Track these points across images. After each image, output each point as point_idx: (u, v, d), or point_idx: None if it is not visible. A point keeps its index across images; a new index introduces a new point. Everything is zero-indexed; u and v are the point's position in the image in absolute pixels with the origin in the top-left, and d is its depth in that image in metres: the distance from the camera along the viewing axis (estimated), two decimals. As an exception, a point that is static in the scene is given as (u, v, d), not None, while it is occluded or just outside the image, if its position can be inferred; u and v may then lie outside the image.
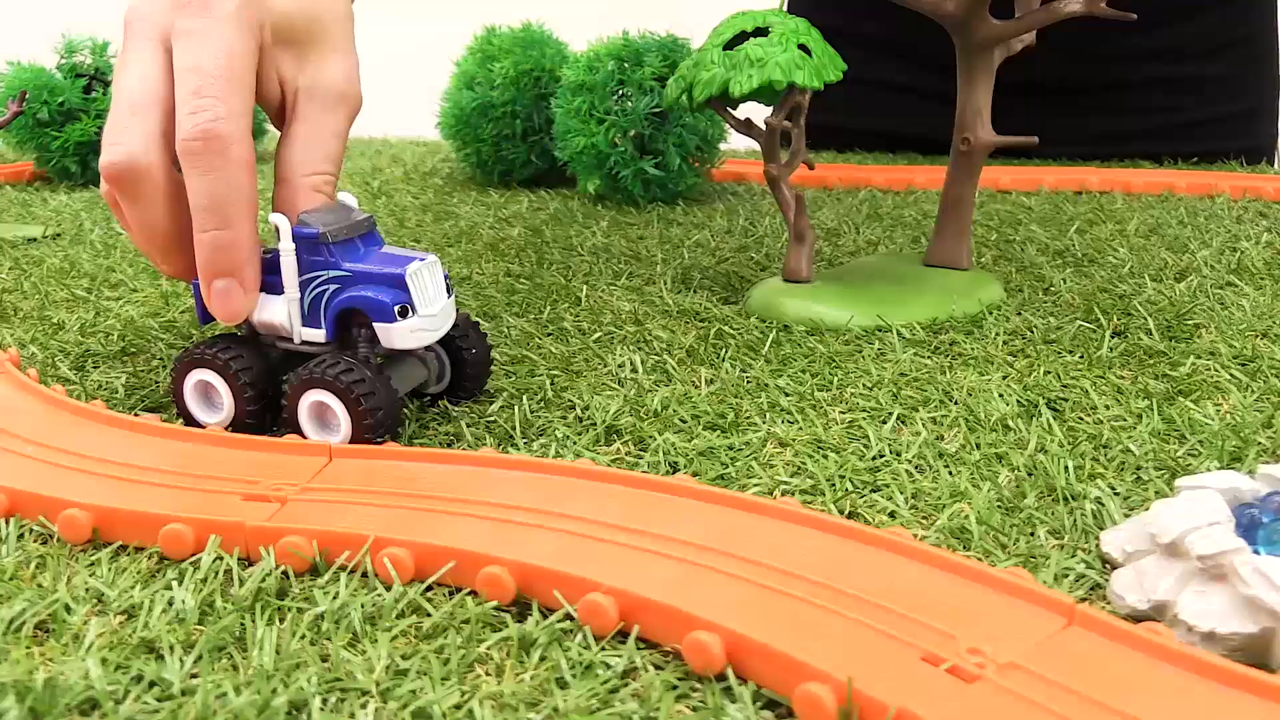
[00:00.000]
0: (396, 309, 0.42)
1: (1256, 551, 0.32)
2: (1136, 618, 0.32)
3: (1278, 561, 0.30)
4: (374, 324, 0.43)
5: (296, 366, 0.44)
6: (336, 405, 0.42)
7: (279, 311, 0.44)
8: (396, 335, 0.43)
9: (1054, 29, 0.60)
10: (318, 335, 0.44)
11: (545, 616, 0.32)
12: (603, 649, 0.30)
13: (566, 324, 0.58)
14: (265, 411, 0.45)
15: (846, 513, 0.38)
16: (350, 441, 0.42)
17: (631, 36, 0.90)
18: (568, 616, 0.31)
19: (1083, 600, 0.33)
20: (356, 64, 0.49)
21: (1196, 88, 1.03)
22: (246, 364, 0.44)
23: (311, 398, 0.42)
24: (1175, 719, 0.26)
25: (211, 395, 0.45)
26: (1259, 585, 0.30)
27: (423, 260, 0.44)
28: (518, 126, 0.96)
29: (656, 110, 0.87)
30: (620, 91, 0.88)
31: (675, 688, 0.29)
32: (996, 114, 0.62)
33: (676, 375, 0.50)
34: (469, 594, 0.33)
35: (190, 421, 0.46)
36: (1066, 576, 0.34)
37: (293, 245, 0.43)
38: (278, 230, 0.43)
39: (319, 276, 0.43)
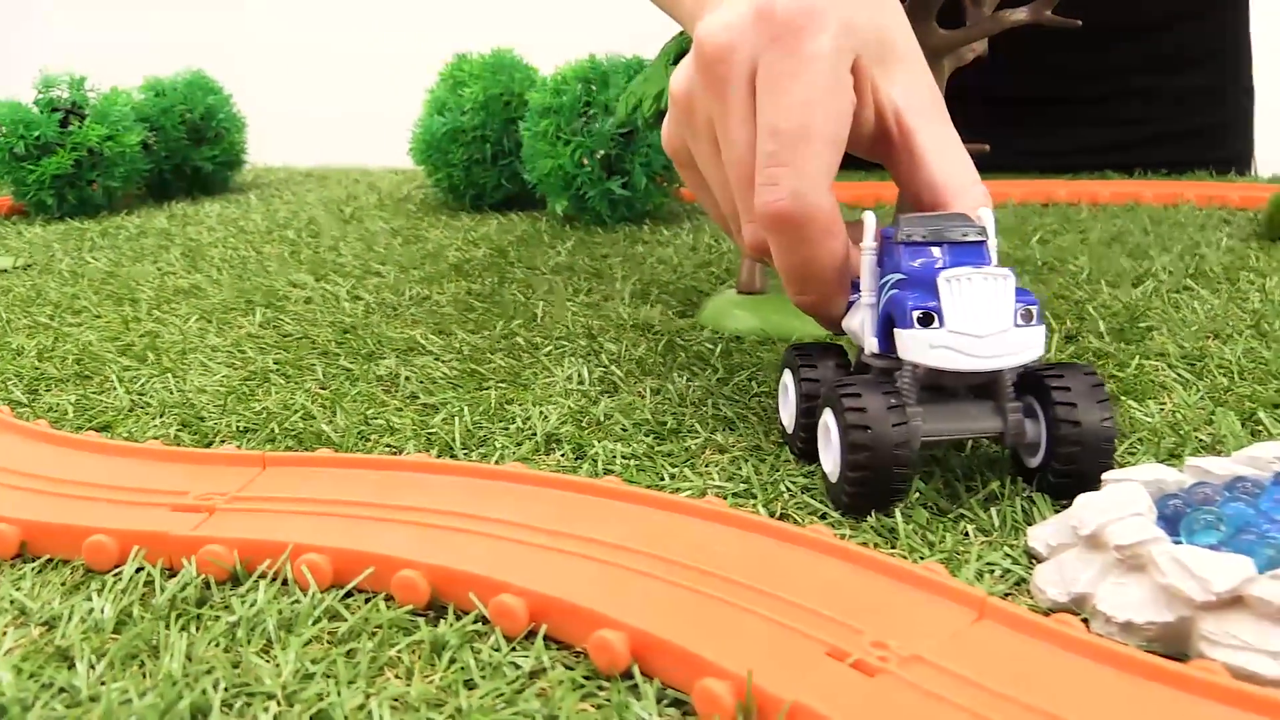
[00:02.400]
0: (916, 315, 0.36)
1: (1178, 542, 0.31)
2: (1057, 610, 0.31)
3: (1195, 550, 0.30)
4: (895, 330, 0.37)
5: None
6: (834, 428, 0.37)
7: (855, 317, 0.40)
8: (913, 345, 0.36)
9: (1028, 43, 0.60)
10: (872, 344, 0.39)
11: (460, 619, 0.31)
12: (514, 650, 0.30)
13: (519, 339, 0.58)
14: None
15: (777, 514, 0.38)
16: (840, 479, 0.37)
17: (598, 59, 0.91)
18: (482, 619, 0.31)
19: (1006, 595, 0.33)
20: (927, 65, 0.44)
21: (1172, 99, 1.04)
22: (809, 375, 0.41)
23: (823, 417, 0.38)
24: (1081, 709, 0.26)
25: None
26: (1175, 574, 0.29)
27: (979, 270, 0.36)
28: (487, 150, 0.97)
29: (623, 131, 0.87)
30: (587, 113, 0.88)
31: (582, 686, 0.28)
32: (973, 128, 0.62)
33: (623, 386, 0.50)
34: (385, 599, 0.33)
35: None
36: (991, 572, 0.34)
37: (875, 244, 0.39)
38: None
39: (888, 280, 0.38)
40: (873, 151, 0.43)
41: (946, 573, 0.31)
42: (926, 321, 0.36)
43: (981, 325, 0.35)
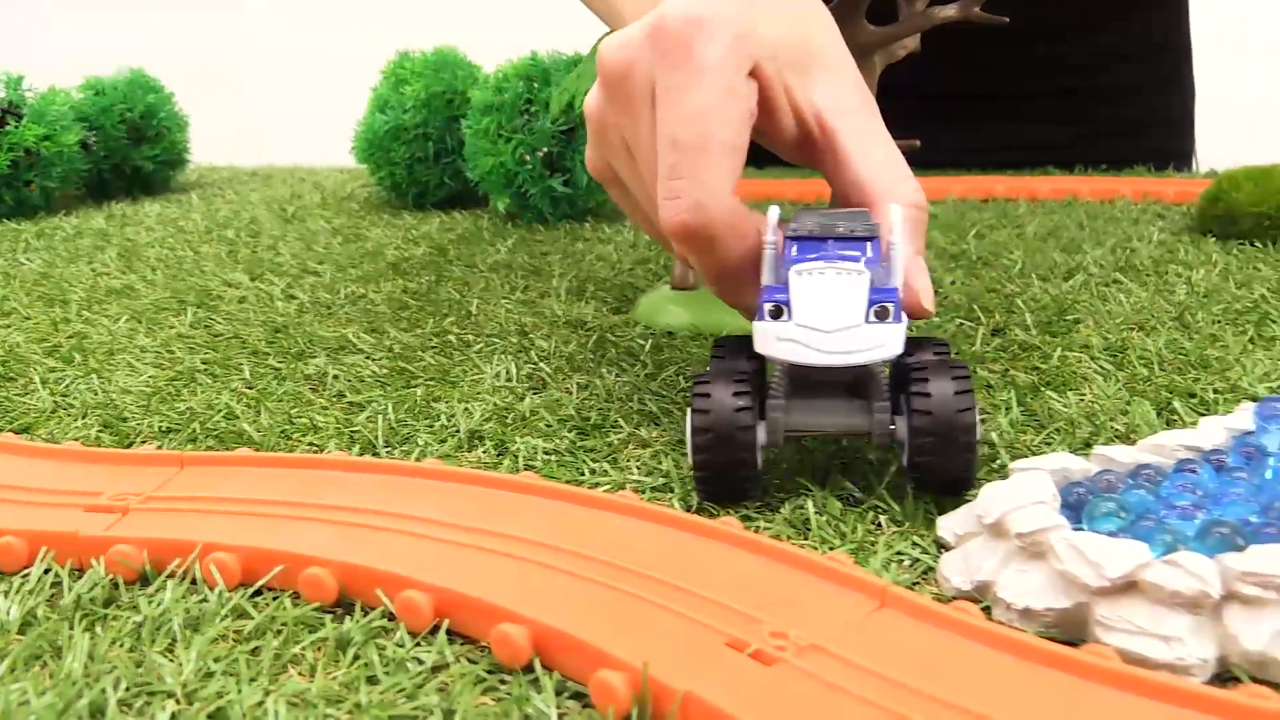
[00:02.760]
0: (767, 308, 0.36)
1: (1079, 528, 0.32)
2: (961, 598, 0.32)
3: (1092, 537, 0.30)
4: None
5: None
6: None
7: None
8: (763, 338, 0.37)
9: (972, 41, 0.61)
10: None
11: (367, 616, 0.31)
12: (418, 645, 0.30)
13: (451, 337, 0.58)
14: None
15: (693, 508, 0.38)
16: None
17: (540, 56, 0.90)
18: (388, 615, 0.31)
19: (914, 584, 0.33)
20: (854, 63, 0.44)
21: (1114, 96, 1.05)
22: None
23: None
24: (974, 695, 0.26)
25: None
26: (1071, 560, 0.30)
27: (831, 264, 0.37)
28: (430, 148, 0.96)
29: (565, 128, 0.87)
30: (528, 111, 0.88)
31: (483, 680, 0.28)
32: (913, 125, 0.62)
33: (551, 383, 0.50)
34: (291, 596, 0.33)
35: None
36: (900, 561, 0.34)
37: (775, 239, 0.39)
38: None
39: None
40: (801, 155, 0.44)
41: (851, 563, 0.31)
42: (777, 314, 0.36)
43: (828, 320, 0.35)
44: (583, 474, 0.41)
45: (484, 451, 0.43)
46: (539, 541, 0.33)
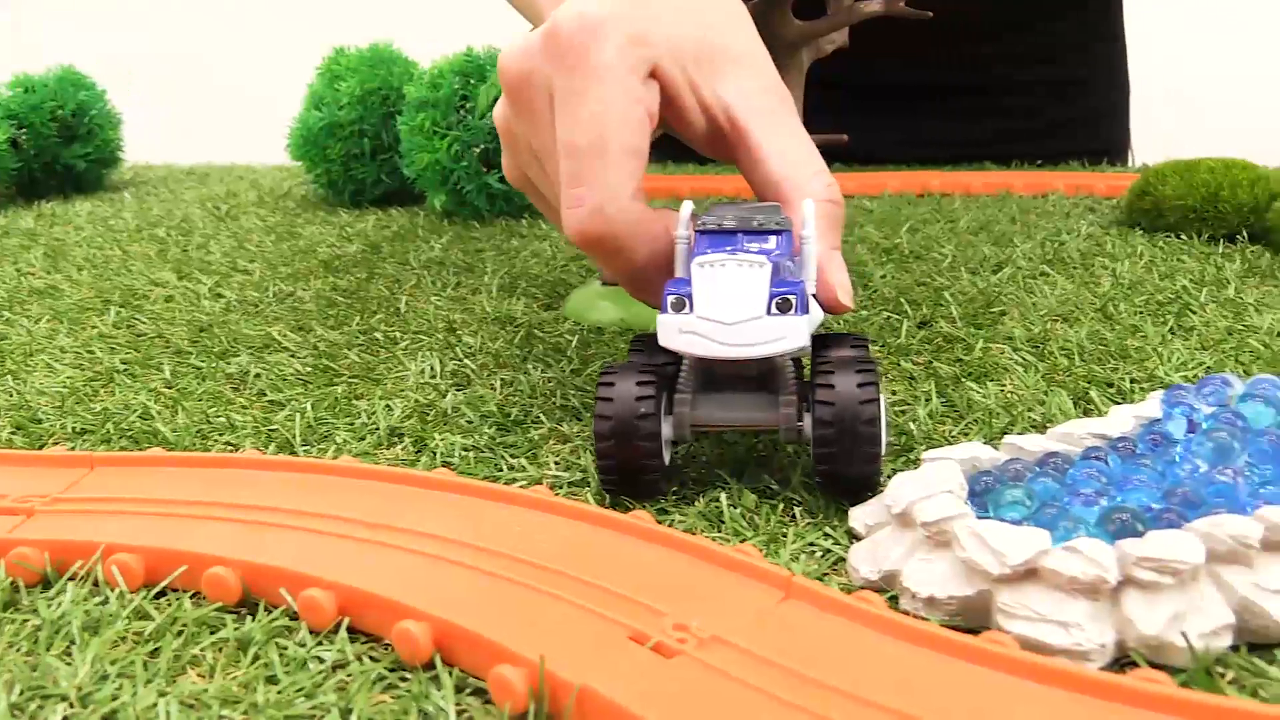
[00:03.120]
0: (670, 299, 0.36)
1: (983, 516, 0.32)
2: (869, 588, 0.32)
3: (995, 525, 0.30)
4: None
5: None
6: None
7: None
8: (666, 331, 0.36)
9: (908, 36, 0.61)
10: None
11: (270, 615, 0.31)
12: (320, 644, 0.29)
13: (378, 334, 0.57)
14: None
15: (608, 503, 0.38)
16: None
17: (475, 52, 0.90)
18: (292, 614, 0.31)
19: (824, 576, 0.33)
20: (768, 57, 0.44)
21: (1049, 91, 1.06)
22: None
23: None
24: (876, 684, 0.26)
25: None
26: (974, 548, 0.30)
27: (733, 256, 0.36)
28: (366, 145, 0.95)
29: (500, 124, 0.86)
30: (464, 107, 0.87)
31: (384, 678, 0.28)
32: (850, 120, 0.63)
33: (476, 379, 0.50)
34: (193, 597, 0.32)
35: None
36: (812, 553, 0.34)
37: (687, 233, 0.39)
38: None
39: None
40: (716, 151, 0.44)
41: (759, 554, 0.31)
42: (679, 307, 0.36)
43: (729, 312, 0.35)
44: (500, 470, 0.41)
45: (402, 448, 0.43)
46: (447, 538, 0.32)
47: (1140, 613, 0.28)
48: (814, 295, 0.39)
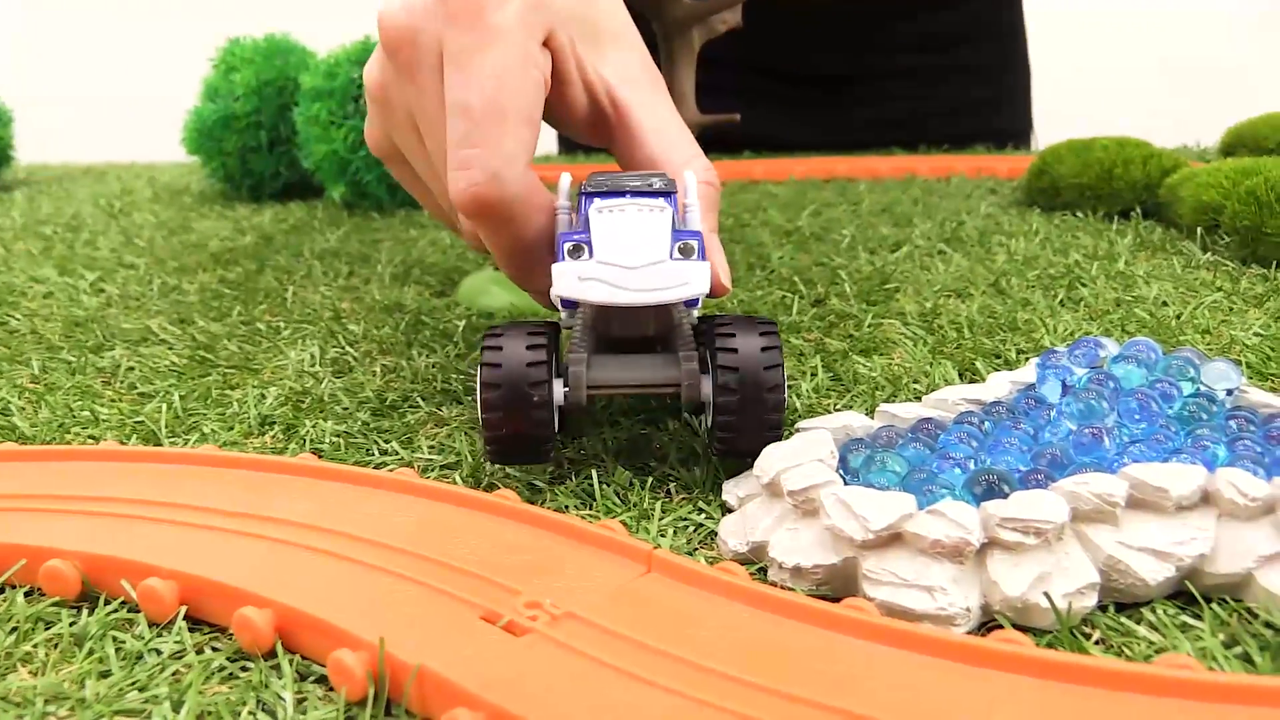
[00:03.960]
0: (566, 247, 0.34)
1: (849, 482, 0.32)
2: (738, 560, 0.31)
3: (860, 491, 0.30)
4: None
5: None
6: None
7: None
8: (563, 280, 0.33)
9: (816, 21, 0.61)
10: (557, 302, 0.36)
11: (110, 607, 0.29)
12: (159, 635, 0.28)
13: (260, 325, 0.55)
14: None
15: (483, 484, 0.37)
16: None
17: (372, 41, 0.88)
18: (133, 607, 0.29)
19: (694, 550, 0.32)
20: (639, 35, 0.43)
21: (954, 75, 1.07)
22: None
23: None
24: (734, 657, 0.25)
25: None
26: (838, 515, 0.29)
27: (631, 200, 0.35)
28: (263, 137, 0.93)
29: (399, 113, 0.85)
30: (361, 96, 0.85)
31: (224, 668, 0.27)
32: (760, 107, 0.62)
33: (357, 366, 0.49)
34: (27, 592, 0.30)
35: None
36: (684, 528, 0.33)
37: (568, 204, 0.38)
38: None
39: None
40: (591, 134, 0.42)
41: (624, 530, 0.30)
42: (577, 253, 0.34)
43: (632, 256, 0.33)
44: (371, 455, 0.39)
45: (271, 436, 0.41)
46: (298, 523, 0.31)
47: (1004, 574, 0.28)
48: None
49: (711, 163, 0.42)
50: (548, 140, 1.18)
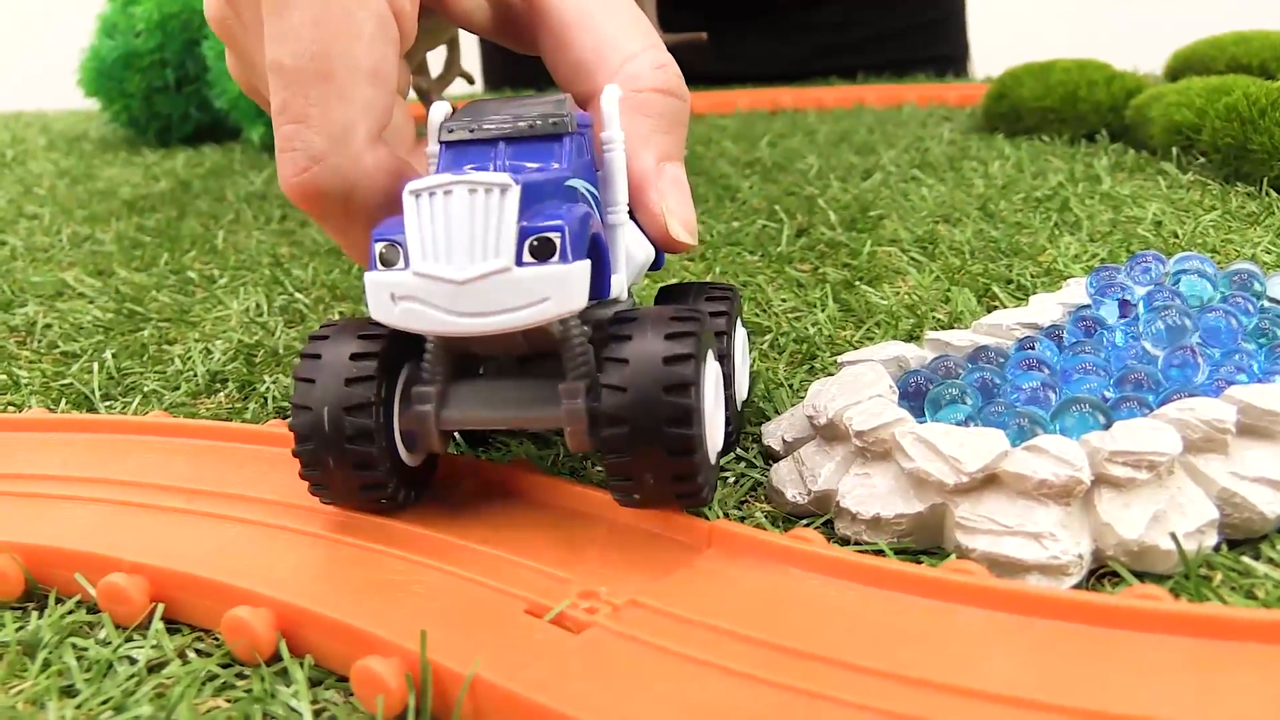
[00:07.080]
0: (378, 250, 0.24)
1: (922, 420, 0.28)
2: (799, 512, 0.27)
3: (942, 428, 0.26)
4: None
5: None
6: None
7: None
8: (375, 298, 0.24)
9: None
10: None
11: (63, 608, 0.24)
12: (130, 641, 0.23)
13: (191, 273, 0.50)
14: None
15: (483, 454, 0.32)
16: None
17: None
18: (92, 607, 0.24)
19: (743, 503, 0.28)
20: None
21: (883, 4, 1.03)
22: None
23: None
24: (824, 637, 0.21)
25: None
26: (922, 457, 0.25)
27: (463, 177, 0.23)
28: (169, 76, 0.86)
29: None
30: (277, 28, 0.79)
31: (216, 677, 0.22)
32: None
33: (310, 314, 0.43)
34: (-40, 593, 0.25)
35: None
36: (724, 479, 0.29)
37: (435, 150, 0.27)
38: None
39: None
40: (510, 36, 0.32)
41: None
42: (390, 260, 0.24)
43: (458, 264, 0.23)
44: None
45: (226, 395, 0.36)
46: (284, 502, 0.26)
47: (1118, 515, 0.24)
48: (638, 225, 0.29)
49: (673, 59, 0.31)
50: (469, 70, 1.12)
